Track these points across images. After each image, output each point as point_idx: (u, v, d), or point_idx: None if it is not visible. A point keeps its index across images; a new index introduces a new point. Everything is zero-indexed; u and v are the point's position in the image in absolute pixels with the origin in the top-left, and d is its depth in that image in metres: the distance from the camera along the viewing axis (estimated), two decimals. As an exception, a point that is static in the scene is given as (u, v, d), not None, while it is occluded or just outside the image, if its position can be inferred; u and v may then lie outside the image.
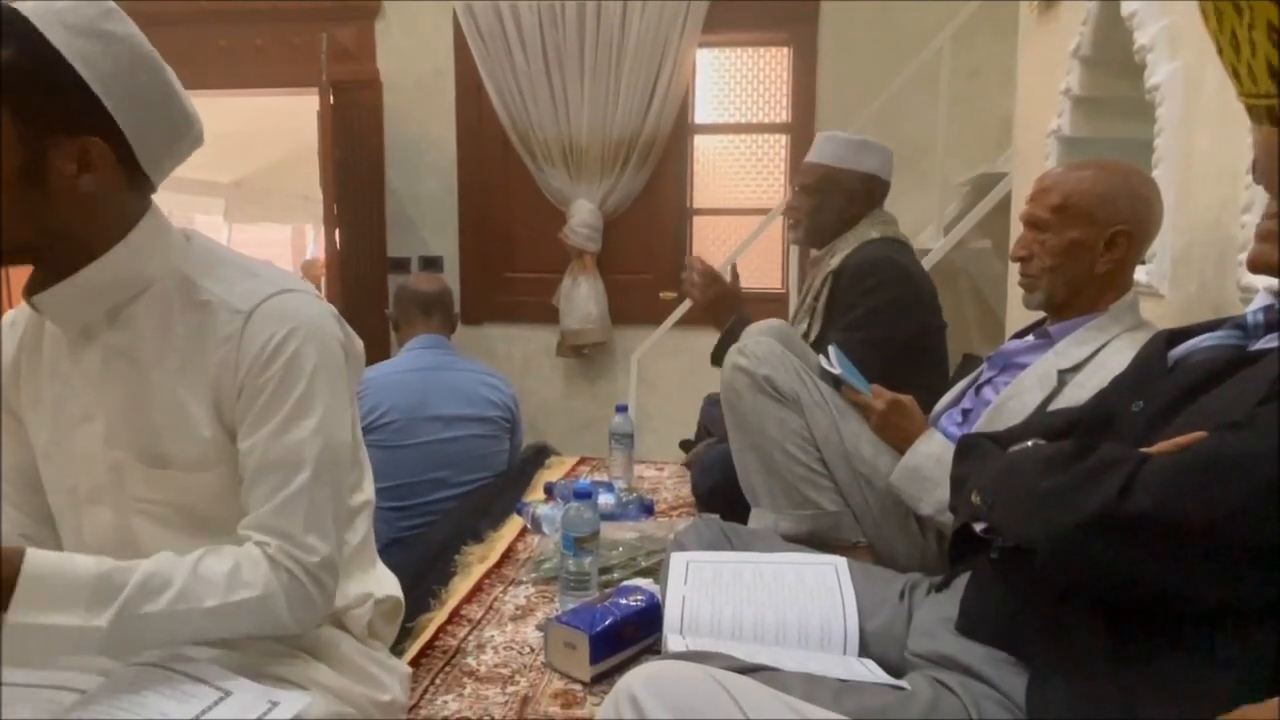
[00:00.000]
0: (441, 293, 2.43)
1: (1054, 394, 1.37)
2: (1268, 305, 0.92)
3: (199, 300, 0.92)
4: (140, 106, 0.86)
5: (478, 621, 1.47)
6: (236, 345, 0.90)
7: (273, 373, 0.89)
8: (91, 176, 0.86)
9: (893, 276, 1.94)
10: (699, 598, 1.22)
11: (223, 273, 0.94)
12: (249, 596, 0.85)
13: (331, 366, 0.94)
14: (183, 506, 0.93)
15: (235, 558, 0.87)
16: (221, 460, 0.92)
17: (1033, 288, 1.48)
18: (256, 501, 0.89)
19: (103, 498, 0.94)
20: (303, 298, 0.94)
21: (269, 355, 0.89)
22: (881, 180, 2.13)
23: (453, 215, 3.76)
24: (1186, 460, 0.71)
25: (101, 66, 0.83)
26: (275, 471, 0.89)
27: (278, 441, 0.89)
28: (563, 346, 3.68)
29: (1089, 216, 1.39)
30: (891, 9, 3.39)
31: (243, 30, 3.69)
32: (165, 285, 0.92)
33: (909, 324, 1.92)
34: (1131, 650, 0.75)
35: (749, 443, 1.62)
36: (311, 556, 0.89)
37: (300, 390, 0.90)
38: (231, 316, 0.91)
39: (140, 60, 0.86)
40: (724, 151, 3.78)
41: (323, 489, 0.91)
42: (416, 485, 2.17)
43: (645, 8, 3.40)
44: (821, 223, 2.11)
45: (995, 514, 0.89)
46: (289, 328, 0.91)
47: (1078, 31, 2.01)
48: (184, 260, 0.94)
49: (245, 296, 0.92)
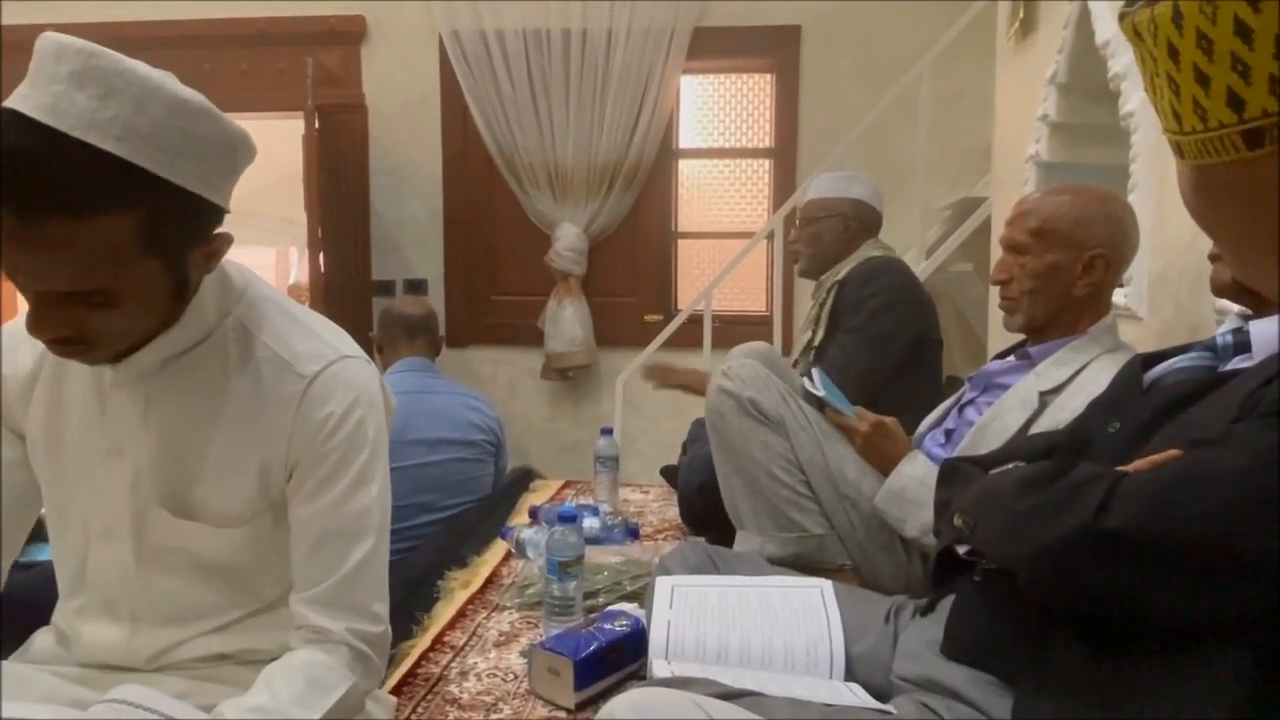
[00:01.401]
0: (426, 316, 2.42)
1: (1035, 415, 1.39)
2: (1236, 328, 0.94)
3: (257, 356, 0.90)
4: (216, 168, 0.82)
5: (461, 648, 1.46)
6: (295, 410, 0.89)
7: (338, 442, 0.89)
8: (217, 260, 0.86)
9: (896, 279, 2.06)
10: (684, 622, 1.21)
11: (282, 327, 0.93)
12: (336, 700, 0.85)
13: (384, 434, 0.95)
14: (199, 556, 0.92)
15: (305, 667, 0.85)
16: (253, 518, 0.91)
17: (1013, 310, 1.50)
18: (320, 570, 0.89)
19: (117, 537, 0.92)
20: (360, 365, 0.94)
21: (334, 426, 0.89)
22: (872, 208, 2.27)
23: (438, 239, 3.77)
24: (1162, 477, 0.72)
25: (194, 165, 0.78)
26: (340, 539, 0.89)
27: (341, 509, 0.89)
28: (548, 369, 3.68)
29: (1066, 240, 1.42)
30: (872, 36, 3.45)
31: (228, 54, 3.69)
32: (222, 334, 0.90)
33: (912, 324, 2.02)
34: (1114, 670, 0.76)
35: (734, 465, 1.62)
36: (377, 627, 0.90)
37: (363, 459, 0.91)
38: (292, 379, 0.89)
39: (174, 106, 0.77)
40: (708, 176, 3.81)
41: (382, 554, 0.92)
42: (400, 510, 2.12)
43: (630, 34, 3.44)
44: (820, 249, 2.24)
45: (977, 536, 0.89)
46: (353, 398, 0.91)
47: (1054, 59, 2.05)
48: (241, 308, 0.92)
49: (307, 359, 0.90)
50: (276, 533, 0.92)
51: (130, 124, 0.73)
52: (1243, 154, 0.39)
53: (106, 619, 0.94)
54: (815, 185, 2.32)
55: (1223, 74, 0.38)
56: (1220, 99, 0.38)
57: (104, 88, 0.73)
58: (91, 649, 0.95)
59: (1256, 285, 0.45)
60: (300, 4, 3.66)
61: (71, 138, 0.71)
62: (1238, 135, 0.38)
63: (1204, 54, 0.38)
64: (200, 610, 0.93)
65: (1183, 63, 0.39)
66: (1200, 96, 0.39)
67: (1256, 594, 0.68)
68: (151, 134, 0.75)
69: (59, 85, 0.72)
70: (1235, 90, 0.37)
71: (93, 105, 0.72)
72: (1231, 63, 0.37)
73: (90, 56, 0.73)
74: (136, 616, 0.93)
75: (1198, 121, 0.40)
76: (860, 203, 2.23)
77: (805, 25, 3.48)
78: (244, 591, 0.94)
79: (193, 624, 0.93)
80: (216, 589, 0.93)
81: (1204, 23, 0.37)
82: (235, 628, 0.95)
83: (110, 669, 0.94)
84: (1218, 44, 0.37)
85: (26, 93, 0.73)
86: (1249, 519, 0.67)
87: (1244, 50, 0.36)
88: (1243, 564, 0.67)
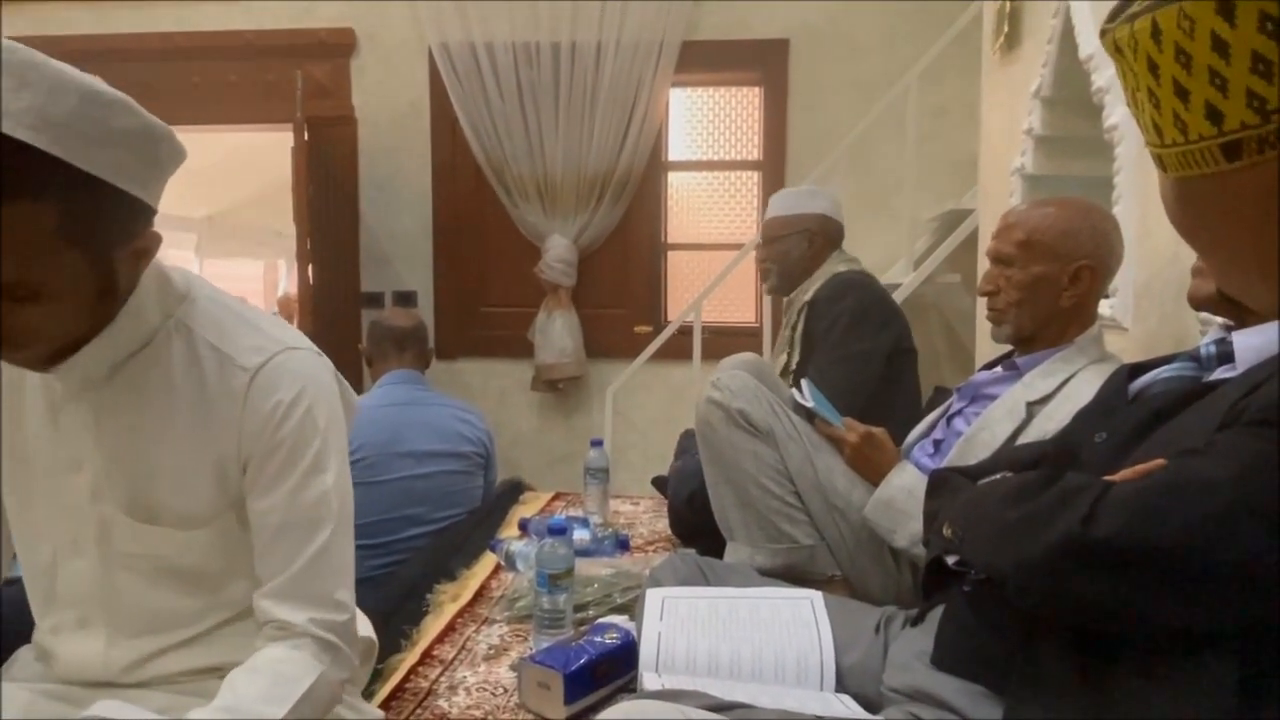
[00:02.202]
0: (415, 328, 2.42)
1: (1023, 425, 1.39)
2: (1220, 338, 0.95)
3: (201, 354, 0.90)
4: (138, 161, 0.81)
5: (450, 662, 1.45)
6: (242, 404, 0.88)
7: (286, 432, 0.89)
8: (147, 259, 0.86)
9: (864, 295, 2.07)
10: (675, 634, 1.21)
11: (225, 324, 0.92)
12: (304, 690, 0.84)
13: (337, 422, 0.95)
14: (168, 562, 0.91)
15: (269, 664, 0.85)
16: (214, 518, 0.90)
17: (1000, 321, 1.51)
18: (279, 562, 0.88)
19: (85, 551, 0.91)
20: (306, 355, 0.94)
21: (281, 416, 0.89)
22: (834, 221, 2.28)
23: (427, 250, 3.76)
24: (1148, 487, 0.72)
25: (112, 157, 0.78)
26: (297, 529, 0.89)
27: (297, 499, 0.89)
28: (538, 381, 3.68)
29: (1052, 252, 1.43)
30: (860, 50, 3.48)
31: (217, 66, 3.69)
32: (165, 337, 0.90)
33: (885, 338, 2.02)
34: (1103, 679, 0.76)
35: (724, 477, 1.62)
36: (341, 615, 0.89)
37: (315, 448, 0.90)
38: (237, 374, 0.89)
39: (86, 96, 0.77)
40: (697, 188, 3.83)
41: (344, 542, 0.92)
42: (388, 522, 2.14)
43: (619, 47, 3.46)
44: (788, 267, 2.25)
45: (965, 546, 0.89)
46: (299, 388, 0.90)
47: (1038, 73, 2.07)
48: (184, 309, 0.92)
49: (249, 353, 0.90)
50: (243, 534, 0.92)
51: (43, 113, 0.73)
52: (1222, 166, 0.39)
53: (82, 633, 0.93)
54: (776, 202, 2.33)
55: (1201, 88, 0.38)
56: (1199, 112, 0.39)
57: (17, 79, 0.73)
58: (70, 665, 0.94)
59: (1239, 295, 0.45)
60: (290, 17, 3.67)
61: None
62: (1217, 148, 0.39)
63: (1183, 68, 0.39)
64: (176, 618, 0.93)
65: (1162, 77, 0.40)
66: (1180, 110, 0.40)
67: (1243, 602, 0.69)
68: (66, 123, 0.75)
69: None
70: (1213, 104, 0.38)
71: (6, 96, 0.73)
72: (1210, 77, 0.38)
73: (6, 51, 0.74)
74: (112, 628, 0.92)
75: (1178, 134, 0.41)
76: (823, 217, 2.25)
77: (793, 39, 3.51)
78: (218, 597, 0.93)
79: (169, 633, 0.93)
80: (189, 594, 0.92)
81: (1182, 38, 0.38)
82: (215, 637, 0.94)
83: (92, 685, 0.93)
84: (1196, 59, 0.38)
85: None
86: (1234, 528, 0.67)
87: (1221, 64, 0.37)
88: (1229, 572, 0.68)
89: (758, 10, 3.51)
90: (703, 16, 3.51)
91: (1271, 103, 0.36)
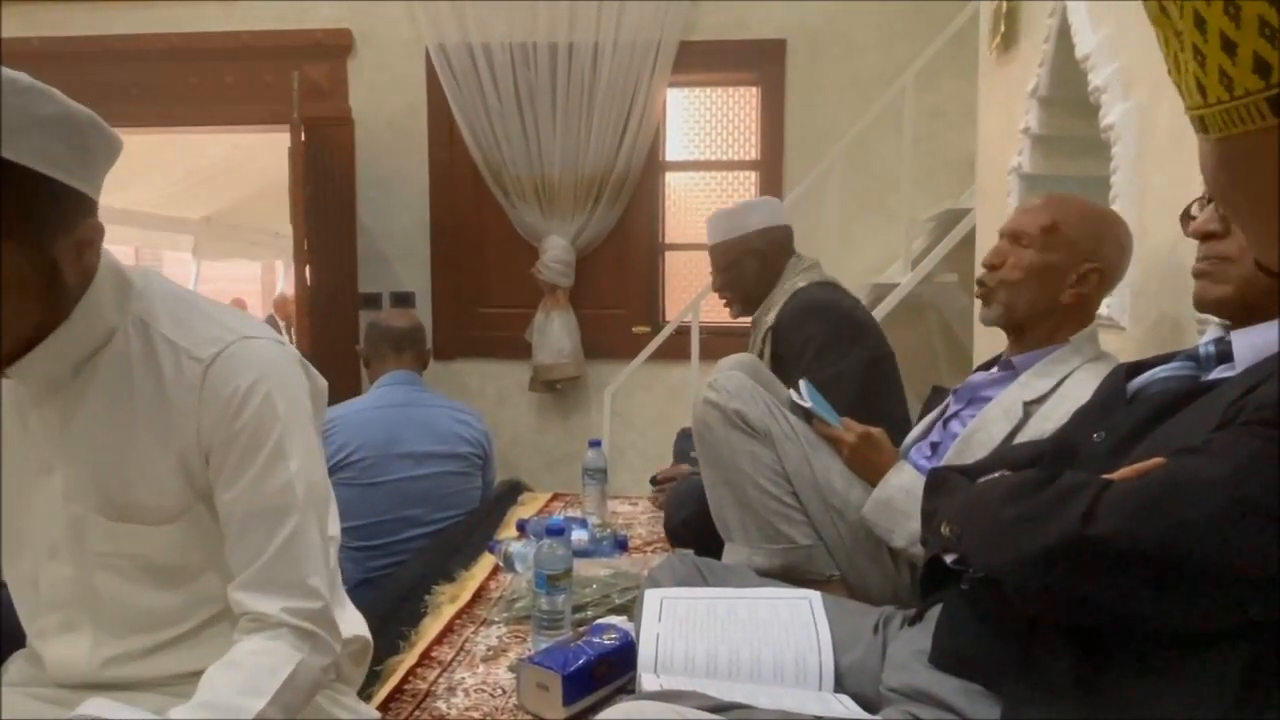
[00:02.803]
0: (413, 329, 2.41)
1: (1020, 425, 1.39)
2: (1218, 337, 0.95)
3: (157, 348, 0.90)
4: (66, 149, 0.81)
5: (448, 663, 1.45)
6: (198, 394, 0.88)
7: (245, 421, 0.88)
8: (92, 251, 0.86)
9: (828, 314, 1.99)
10: (673, 635, 1.21)
11: (181, 317, 0.92)
12: (284, 679, 0.83)
13: (300, 409, 0.94)
14: (145, 559, 0.91)
15: (246, 656, 0.84)
16: (185, 512, 0.90)
17: (989, 300, 1.48)
18: (248, 552, 0.88)
19: (61, 553, 0.91)
20: (263, 343, 0.93)
21: (238, 404, 0.88)
22: (779, 227, 2.20)
23: (425, 251, 3.76)
24: (1147, 485, 0.72)
25: (36, 144, 0.78)
26: (264, 518, 0.88)
27: (261, 488, 0.88)
28: (536, 381, 3.67)
29: (1072, 246, 1.42)
30: (856, 50, 3.48)
31: (214, 67, 3.69)
32: (125, 333, 0.90)
33: (859, 353, 1.95)
34: (1102, 678, 0.76)
35: (722, 477, 1.62)
36: (315, 603, 0.88)
37: (276, 435, 0.89)
38: (191, 365, 0.89)
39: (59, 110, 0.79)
40: (695, 188, 3.83)
41: (312, 529, 0.91)
42: (387, 524, 2.14)
43: (616, 48, 3.46)
44: (747, 291, 2.20)
45: (964, 545, 0.89)
46: (255, 376, 0.89)
47: (1035, 73, 2.07)
48: (142, 305, 0.92)
49: (204, 344, 0.90)
50: (217, 527, 0.91)
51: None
52: (1269, 121, 0.38)
53: (68, 636, 0.93)
54: (713, 228, 2.21)
55: (1250, 39, 0.38)
56: (1247, 66, 0.38)
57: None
58: (59, 668, 0.94)
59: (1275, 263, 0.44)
60: (287, 18, 3.66)
61: None
62: (1264, 102, 0.38)
63: (1231, 20, 0.38)
64: (159, 616, 0.93)
65: (1209, 32, 0.39)
66: (1226, 65, 0.39)
67: (1241, 601, 0.69)
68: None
69: None
70: (1262, 55, 0.37)
71: None
72: (1260, 27, 0.37)
73: None
74: (96, 629, 0.93)
75: (1224, 92, 0.40)
76: (765, 229, 2.16)
77: (790, 39, 3.51)
78: (199, 592, 0.93)
79: (154, 631, 0.93)
80: (170, 591, 0.91)
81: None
82: (203, 637, 0.94)
83: (81, 688, 0.93)
84: (1245, 9, 0.37)
85: None
86: (1232, 527, 0.67)
87: (1271, 13, 0.37)
88: (1227, 571, 0.68)
89: (754, 10, 3.51)
90: (700, 17, 3.51)
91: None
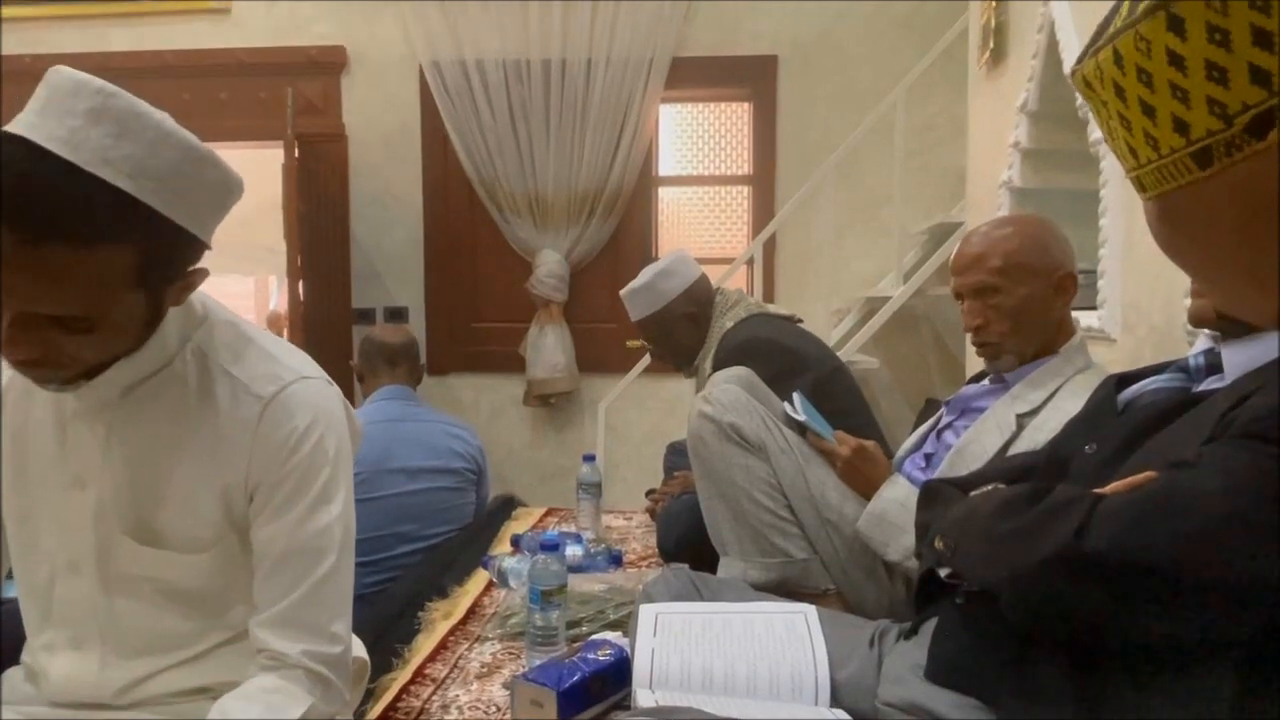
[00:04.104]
0: (407, 344, 2.41)
1: (1013, 438, 1.40)
2: (1208, 349, 0.96)
3: (215, 380, 0.90)
4: (213, 209, 0.85)
5: (442, 681, 1.44)
6: (253, 432, 0.89)
7: (297, 462, 0.89)
8: (189, 292, 0.88)
9: (761, 352, 1.93)
10: (668, 650, 1.20)
11: (240, 350, 0.93)
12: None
13: (346, 453, 0.95)
14: (169, 585, 0.91)
15: (260, 694, 0.84)
16: (218, 542, 0.90)
17: (996, 354, 1.47)
18: (278, 590, 0.88)
19: (83, 570, 0.91)
20: (319, 385, 0.94)
21: (293, 445, 0.89)
22: (695, 283, 2.20)
23: (418, 266, 3.76)
24: (1139, 498, 0.73)
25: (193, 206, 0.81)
26: (300, 559, 0.88)
27: (302, 529, 0.89)
28: (530, 396, 3.67)
29: (1033, 269, 1.43)
30: (847, 65, 3.51)
31: (208, 83, 3.69)
32: (183, 361, 0.90)
33: (800, 378, 1.88)
34: (1096, 692, 0.76)
35: (716, 491, 1.62)
36: (335, 648, 0.89)
37: (324, 478, 0.90)
38: (250, 401, 0.89)
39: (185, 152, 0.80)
40: (688, 202, 3.85)
41: (345, 573, 0.92)
42: (380, 539, 2.13)
43: (609, 64, 3.48)
44: (684, 351, 2.21)
45: (958, 558, 0.89)
46: (310, 418, 0.90)
47: (1024, 88, 2.10)
48: (201, 334, 0.92)
49: (263, 381, 0.90)
50: (245, 557, 0.91)
51: (142, 164, 0.76)
52: (1196, 174, 0.41)
53: (75, 653, 0.92)
54: (633, 305, 2.21)
55: (1165, 102, 0.40)
56: (1167, 126, 0.41)
57: (119, 127, 0.76)
58: (61, 685, 0.93)
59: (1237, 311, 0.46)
60: (281, 34, 3.68)
61: (85, 170, 0.74)
62: (1188, 157, 0.41)
63: (1145, 86, 0.41)
64: (172, 640, 0.92)
65: (1129, 99, 0.42)
66: (1149, 127, 0.42)
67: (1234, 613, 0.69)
68: (161, 175, 0.78)
69: (75, 120, 0.75)
70: (1179, 115, 0.40)
71: (107, 143, 0.75)
72: (1171, 90, 0.40)
73: (109, 96, 0.77)
74: (106, 649, 0.92)
75: (1151, 152, 0.42)
76: (685, 292, 2.16)
77: (781, 55, 3.54)
78: (215, 619, 0.93)
79: (165, 654, 0.92)
80: (187, 617, 0.91)
81: (1141, 58, 0.40)
82: (210, 658, 0.93)
83: (82, 706, 0.92)
84: (1156, 75, 0.40)
85: (36, 122, 0.75)
86: (1224, 540, 0.67)
87: (1179, 77, 0.39)
88: (1220, 584, 0.68)
89: (746, 27, 3.54)
90: (692, 33, 3.54)
91: (1231, 107, 0.38)
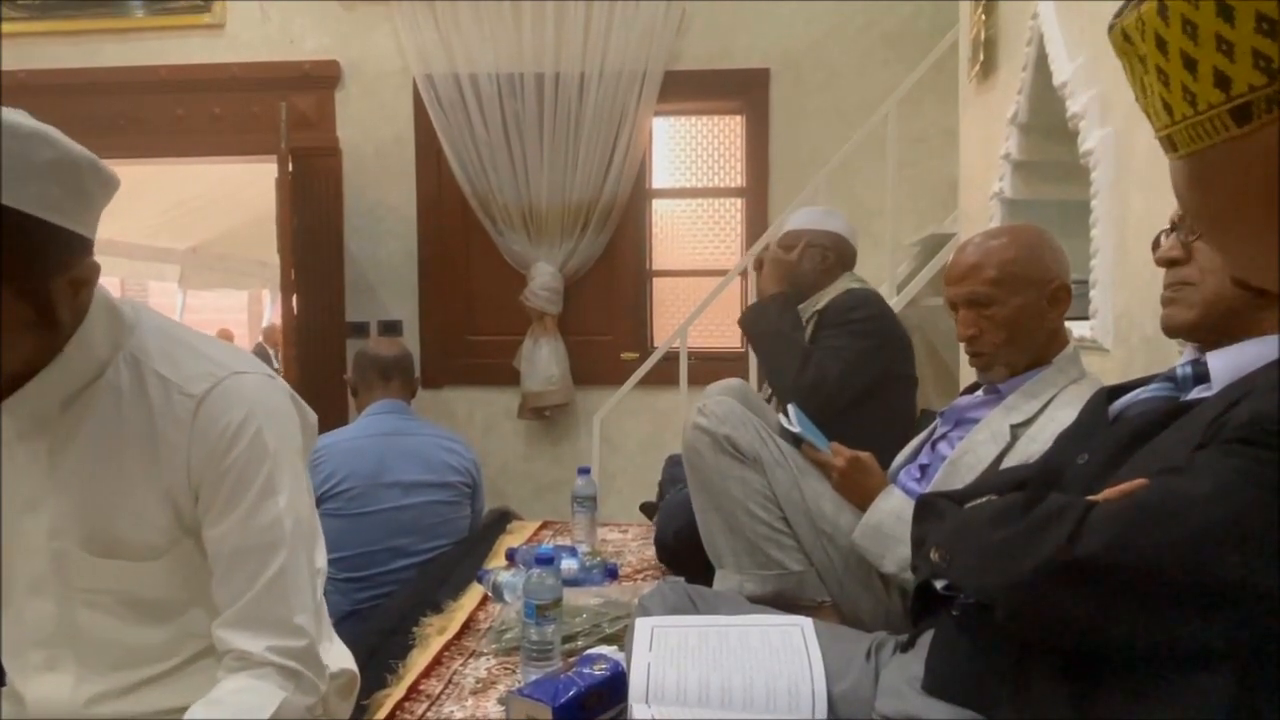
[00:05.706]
0: (401, 357, 2.41)
1: (1007, 448, 1.40)
2: (1195, 359, 0.97)
3: (148, 383, 0.89)
4: (64, 193, 0.81)
5: (437, 697, 1.43)
6: (189, 430, 0.88)
7: (235, 457, 0.88)
8: (87, 290, 0.86)
9: (877, 311, 2.08)
10: (664, 664, 1.20)
11: (172, 352, 0.92)
12: (269, 718, 0.83)
13: (290, 445, 0.94)
14: (129, 595, 0.90)
15: (229, 696, 0.83)
16: (171, 547, 0.90)
17: (989, 365, 1.48)
18: (235, 589, 0.87)
19: (45, 589, 0.90)
20: (253, 378, 0.93)
21: (229, 441, 0.88)
22: (849, 243, 2.31)
23: (412, 280, 3.76)
24: (1132, 504, 0.73)
25: (35, 190, 0.78)
26: (252, 555, 0.88)
27: (250, 524, 0.88)
28: (524, 409, 3.66)
29: (1028, 279, 1.43)
30: (839, 78, 3.53)
31: (202, 98, 3.70)
32: (116, 370, 0.90)
33: (887, 354, 2.03)
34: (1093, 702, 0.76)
35: (712, 503, 1.62)
36: (299, 641, 0.88)
37: (266, 471, 0.89)
38: (183, 401, 0.89)
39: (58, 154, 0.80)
40: (681, 215, 3.86)
41: (300, 565, 0.90)
42: (374, 554, 2.12)
43: (603, 77, 3.50)
44: (800, 278, 2.24)
45: (953, 570, 0.89)
46: (245, 412, 0.89)
47: (1014, 100, 2.11)
48: (133, 340, 0.92)
49: (196, 380, 0.90)
50: (204, 562, 0.91)
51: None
52: (1233, 131, 0.40)
53: (50, 674, 0.92)
54: (794, 217, 2.36)
55: (1209, 55, 0.39)
56: (1208, 80, 0.40)
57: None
58: (40, 707, 0.93)
59: (1260, 279, 0.44)
60: (274, 49, 3.69)
61: None
62: (1226, 114, 0.39)
63: (1189, 38, 0.40)
64: (144, 653, 0.91)
65: (1170, 51, 0.41)
66: (1189, 81, 0.41)
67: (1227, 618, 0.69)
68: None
69: None
70: (1221, 69, 0.39)
71: None
72: (1216, 43, 0.39)
73: None
74: (80, 666, 0.91)
75: (1188, 108, 0.41)
76: (839, 236, 2.28)
77: (774, 68, 3.56)
78: (185, 628, 0.92)
79: (139, 668, 0.91)
80: (155, 627, 0.91)
81: (1188, 9, 0.39)
82: (187, 673, 0.92)
83: None
84: (1202, 27, 0.39)
85: None
86: (1215, 545, 0.68)
87: (1227, 29, 0.38)
88: (1212, 589, 0.68)
89: (739, 40, 3.56)
90: (685, 47, 3.56)
91: (1276, 61, 0.37)
